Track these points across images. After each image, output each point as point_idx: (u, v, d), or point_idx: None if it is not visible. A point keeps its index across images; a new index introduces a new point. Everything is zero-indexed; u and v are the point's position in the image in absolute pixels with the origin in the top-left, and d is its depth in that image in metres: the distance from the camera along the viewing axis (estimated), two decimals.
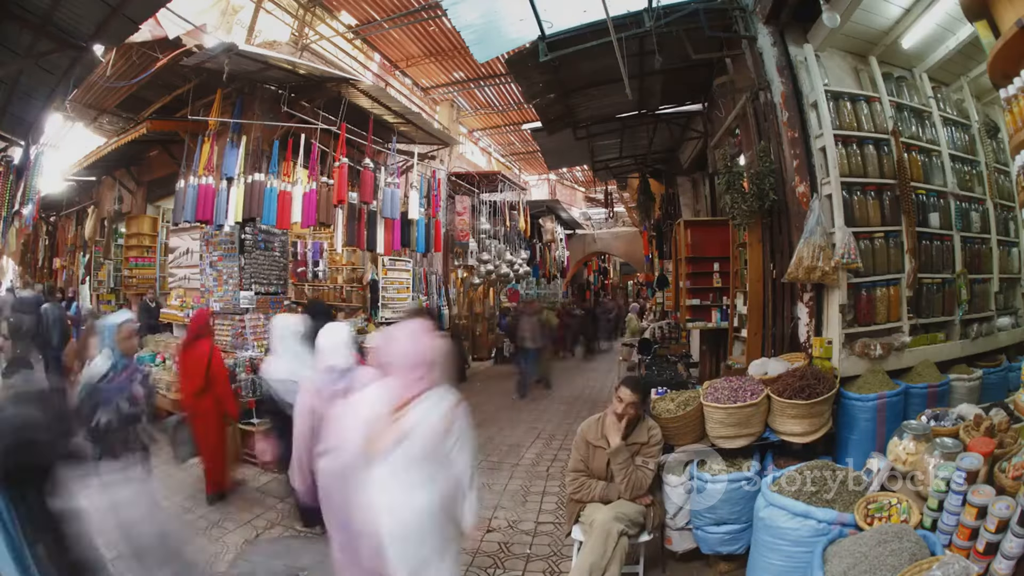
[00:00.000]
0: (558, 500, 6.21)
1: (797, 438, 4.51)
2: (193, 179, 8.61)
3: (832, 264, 4.75)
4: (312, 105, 9.55)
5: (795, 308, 5.54)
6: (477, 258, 15.26)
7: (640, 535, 4.24)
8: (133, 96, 9.79)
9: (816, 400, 4.42)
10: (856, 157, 5.05)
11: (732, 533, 4.38)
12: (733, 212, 6.25)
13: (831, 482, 3.78)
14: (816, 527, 3.53)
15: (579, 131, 10.21)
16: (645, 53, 6.79)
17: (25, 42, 6.83)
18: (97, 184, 14.74)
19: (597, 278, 28.03)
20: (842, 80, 5.27)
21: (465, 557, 4.97)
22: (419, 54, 14.40)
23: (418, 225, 11.17)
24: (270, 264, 9.87)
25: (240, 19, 11.91)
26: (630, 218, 19.35)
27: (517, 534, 5.48)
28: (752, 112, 5.93)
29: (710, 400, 4.73)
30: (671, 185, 11.86)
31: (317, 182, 9.05)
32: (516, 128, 19.40)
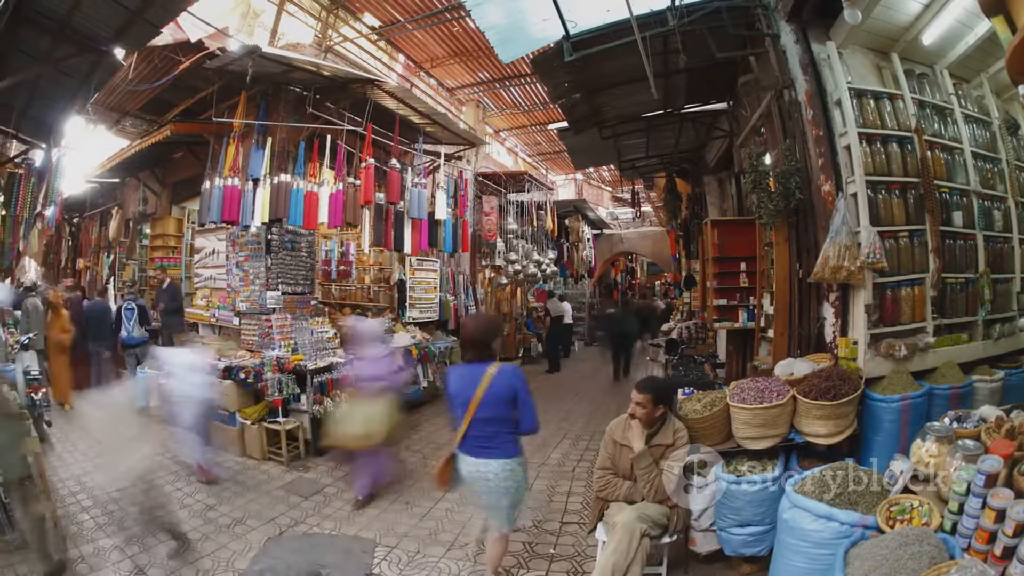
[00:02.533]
0: (583, 500, 6.22)
1: (822, 439, 4.46)
2: (219, 180, 8.70)
3: (858, 264, 4.70)
4: (337, 106, 9.60)
5: (821, 308, 5.50)
6: (505, 258, 15.27)
7: (663, 536, 4.24)
8: (156, 99, 9.95)
9: (841, 401, 4.38)
10: (880, 155, 4.98)
11: (756, 535, 4.36)
12: (759, 211, 6.21)
13: (854, 484, 3.74)
14: (839, 529, 3.50)
15: (605, 130, 10.17)
16: (669, 52, 6.75)
17: (43, 46, 6.95)
18: (121, 186, 15.01)
19: (624, 278, 27.92)
20: (865, 77, 5.21)
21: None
22: (443, 55, 14.42)
23: (445, 225, 11.19)
24: (297, 264, 9.96)
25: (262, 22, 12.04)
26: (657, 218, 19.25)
27: (542, 534, 5.50)
28: (777, 110, 5.90)
29: (736, 401, 4.70)
30: (697, 184, 11.78)
31: (344, 183, 9.10)
32: (542, 128, 19.36)
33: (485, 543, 4.77)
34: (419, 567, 4.91)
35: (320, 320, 9.81)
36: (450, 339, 12.71)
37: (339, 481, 6.95)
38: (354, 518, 5.93)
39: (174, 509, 5.73)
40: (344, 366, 8.13)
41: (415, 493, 6.59)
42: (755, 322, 7.82)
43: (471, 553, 5.14)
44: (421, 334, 11.73)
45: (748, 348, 8.26)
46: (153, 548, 5.14)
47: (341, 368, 8.39)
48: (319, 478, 7.10)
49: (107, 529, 5.50)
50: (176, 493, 6.43)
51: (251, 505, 6.24)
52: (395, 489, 6.67)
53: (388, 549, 5.23)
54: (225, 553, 5.12)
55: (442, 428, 9.25)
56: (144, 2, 6.21)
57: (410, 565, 4.94)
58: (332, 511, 6.12)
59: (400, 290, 12.79)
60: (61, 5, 6.24)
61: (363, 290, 14.31)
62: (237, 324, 9.56)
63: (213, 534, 5.50)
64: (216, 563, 4.95)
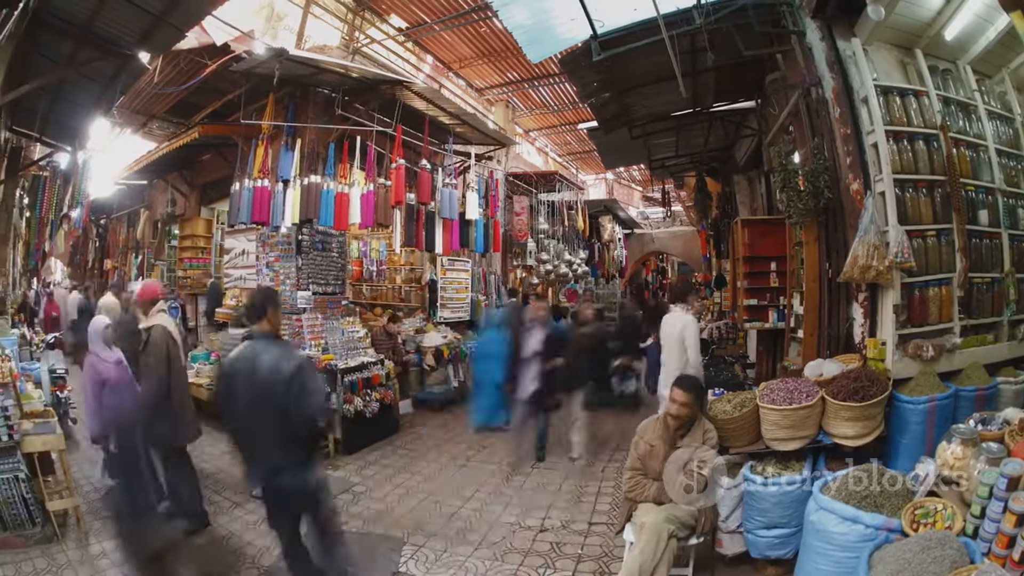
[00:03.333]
0: (612, 501, 6.21)
1: (850, 441, 4.43)
2: (248, 182, 8.82)
3: (886, 263, 4.64)
4: (367, 108, 9.68)
5: (850, 308, 5.45)
6: (536, 258, 15.24)
7: (690, 538, 4.24)
8: (183, 102, 10.09)
9: (869, 402, 4.34)
10: (907, 153, 4.91)
11: (782, 537, 4.34)
12: (789, 211, 6.15)
13: (880, 486, 3.73)
14: (864, 532, 3.49)
15: (635, 130, 10.14)
16: (697, 50, 6.72)
17: (65, 51, 7.05)
18: (149, 187, 15.31)
19: (655, 278, 27.76)
20: (890, 74, 5.14)
21: (516, 556, 5.06)
22: (471, 55, 14.46)
23: (476, 225, 11.25)
24: (328, 264, 10.08)
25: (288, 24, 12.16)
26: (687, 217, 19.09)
27: (570, 534, 5.50)
28: (805, 108, 5.84)
29: (766, 402, 4.69)
30: (727, 183, 11.68)
31: (374, 183, 9.19)
32: (572, 128, 19.32)
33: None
34: (446, 566, 4.93)
35: (351, 320, 9.91)
36: None
37: (368, 480, 7.00)
38: (383, 517, 5.97)
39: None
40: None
41: (446, 491, 6.63)
42: (785, 322, 7.74)
43: (499, 552, 5.15)
44: (452, 334, 11.80)
45: (778, 348, 8.18)
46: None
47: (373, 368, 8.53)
48: (348, 476, 7.16)
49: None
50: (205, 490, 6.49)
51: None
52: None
53: (416, 547, 5.26)
54: (250, 551, 5.19)
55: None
56: (167, 6, 6.29)
57: (437, 564, 4.97)
58: (361, 510, 6.16)
59: (431, 290, 12.87)
60: (82, 10, 6.32)
61: (394, 290, 14.42)
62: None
63: (239, 532, 5.57)
64: (241, 560, 5.02)
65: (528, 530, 5.59)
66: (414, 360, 10.72)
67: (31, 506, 5.03)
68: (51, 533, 5.11)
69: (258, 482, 3.91)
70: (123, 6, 6.24)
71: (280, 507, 3.96)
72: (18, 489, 4.97)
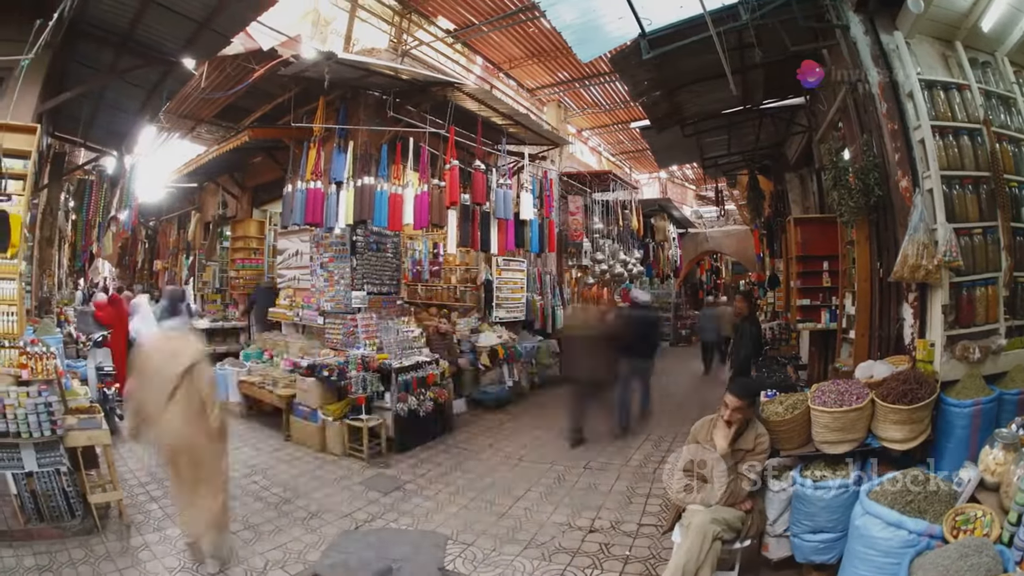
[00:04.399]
0: (662, 502, 6.16)
1: (898, 444, 4.33)
2: (301, 184, 9.01)
3: (935, 262, 4.52)
4: (418, 109, 9.78)
5: (901, 309, 5.31)
6: (591, 258, 15.21)
7: (736, 541, 4.24)
8: (231, 106, 10.41)
9: (917, 405, 4.24)
10: (953, 149, 4.75)
11: (827, 542, 4.27)
12: (840, 209, 6.02)
13: (924, 491, 3.66)
14: (906, 538, 3.45)
15: (687, 128, 10.07)
16: (744, 47, 6.63)
17: (106, 59, 7.27)
18: (199, 190, 15.76)
19: (710, 277, 27.45)
20: (933, 67, 4.99)
21: (564, 556, 5.08)
22: (521, 55, 14.50)
23: (531, 225, 11.27)
24: (382, 265, 10.26)
25: (335, 28, 12.34)
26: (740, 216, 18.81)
27: (618, 535, 5.50)
28: (852, 104, 5.74)
29: (817, 403, 4.61)
30: (779, 181, 11.47)
31: (428, 184, 9.27)
32: (624, 127, 19.24)
33: None
34: (493, 565, 4.96)
35: (406, 320, 10.04)
36: (536, 339, 12.84)
37: (420, 478, 7.08)
38: (432, 515, 6.01)
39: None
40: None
41: (497, 491, 6.66)
42: (837, 323, 7.58)
43: (547, 553, 5.17)
44: (507, 334, 11.87)
45: (830, 349, 8.01)
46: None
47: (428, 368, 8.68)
48: (399, 475, 7.24)
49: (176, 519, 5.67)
50: (252, 486, 6.70)
51: (327, 500, 6.41)
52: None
53: (464, 546, 5.30)
54: (297, 545, 5.28)
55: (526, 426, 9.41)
56: (210, 13, 6.45)
57: (484, 562, 5.01)
58: (411, 507, 6.22)
59: (487, 290, 12.97)
60: (121, 19, 6.52)
61: (449, 290, 14.54)
62: (321, 323, 9.88)
63: (287, 527, 5.68)
64: (287, 554, 5.12)
65: (578, 530, 5.60)
66: (469, 360, 10.79)
67: (72, 499, 5.21)
68: (91, 525, 5.28)
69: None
70: (164, 14, 6.43)
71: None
72: (59, 482, 5.16)
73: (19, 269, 5.63)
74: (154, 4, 6.23)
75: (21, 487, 5.10)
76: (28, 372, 5.33)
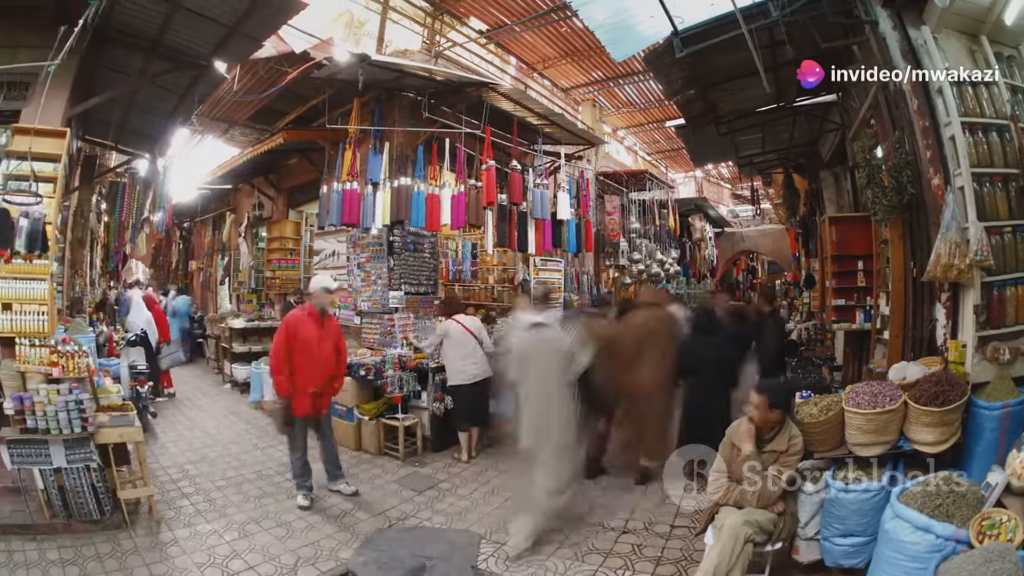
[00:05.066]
0: (696, 504, 6.12)
1: (929, 447, 4.29)
2: (337, 185, 9.05)
3: (967, 262, 4.45)
4: (454, 110, 9.79)
5: (933, 309, 5.24)
6: (628, 258, 15.13)
7: (767, 543, 4.22)
8: (265, 108, 10.48)
9: (948, 408, 4.20)
10: (982, 146, 4.67)
11: (857, 546, 4.24)
12: (874, 208, 5.96)
13: (953, 495, 3.65)
14: (933, 542, 3.43)
15: (721, 127, 9.97)
16: (776, 44, 6.61)
17: (135, 63, 7.36)
18: (234, 191, 15.95)
19: (746, 277, 27.15)
20: (960, 63, 4.89)
21: (597, 557, 5.08)
22: (555, 55, 14.44)
23: (569, 225, 11.22)
24: (420, 265, 10.32)
25: (368, 30, 12.42)
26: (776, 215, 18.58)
27: (651, 536, 5.48)
28: (884, 101, 5.68)
29: (851, 405, 4.59)
30: (814, 180, 11.31)
31: (465, 185, 9.30)
32: (659, 126, 19.06)
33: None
34: (526, 564, 4.97)
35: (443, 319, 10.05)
36: None
37: (454, 477, 7.12)
38: (467, 514, 6.04)
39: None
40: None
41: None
42: (871, 323, 7.48)
43: (580, 553, 5.17)
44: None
45: (865, 350, 7.89)
46: (253, 535, 5.46)
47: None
48: (434, 474, 7.28)
49: (207, 516, 5.86)
50: (286, 483, 6.75)
51: (361, 497, 6.45)
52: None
53: (497, 545, 5.31)
54: (329, 543, 5.34)
55: None
56: (240, 18, 6.51)
57: (517, 561, 5.01)
58: (445, 506, 6.25)
59: (524, 290, 12.93)
60: (149, 25, 6.61)
61: (487, 290, 14.54)
62: (358, 323, 9.96)
63: (320, 524, 5.75)
64: (318, 551, 5.17)
65: (611, 531, 5.59)
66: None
67: (101, 494, 5.33)
68: (120, 520, 5.42)
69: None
70: (193, 19, 6.51)
71: None
72: (88, 478, 5.28)
73: (50, 270, 5.80)
74: (183, 10, 6.32)
75: (48, 482, 5.23)
76: (59, 370, 5.47)
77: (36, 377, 5.41)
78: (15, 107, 6.16)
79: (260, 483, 6.87)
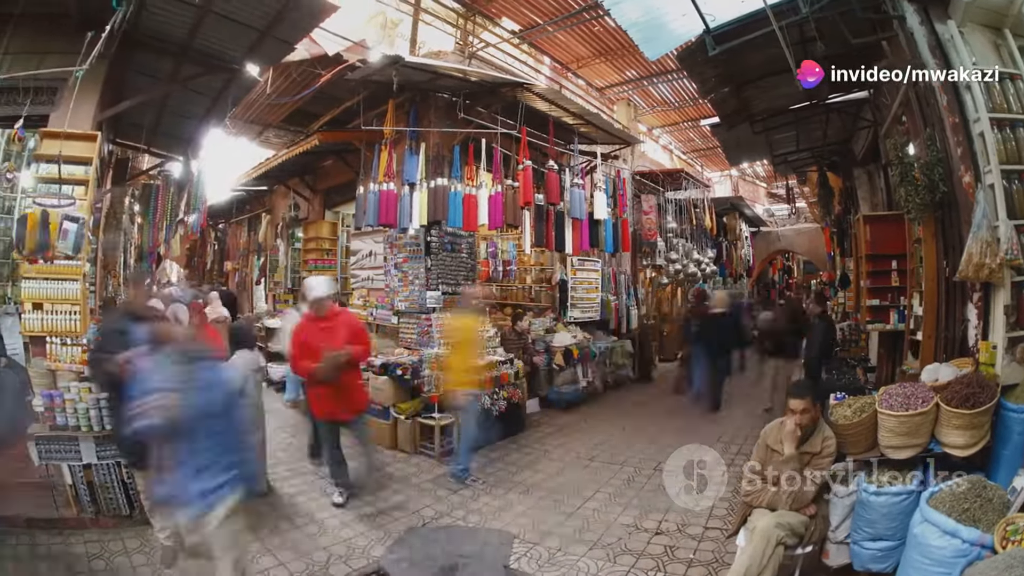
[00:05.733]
0: (729, 506, 6.04)
1: (958, 451, 4.18)
2: (373, 185, 9.09)
3: (998, 261, 4.37)
4: (489, 110, 9.78)
5: (965, 309, 5.14)
6: (665, 257, 15.06)
7: (798, 546, 4.19)
8: (299, 110, 10.63)
9: (978, 410, 4.09)
10: (1011, 142, 4.57)
11: (885, 550, 4.16)
12: (907, 206, 5.89)
13: (980, 499, 3.59)
14: (959, 547, 3.37)
15: (756, 125, 9.91)
16: (807, 40, 6.49)
17: (165, 67, 7.43)
18: (269, 192, 16.12)
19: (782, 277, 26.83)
20: (986, 57, 4.81)
21: (629, 558, 5.06)
22: (588, 55, 14.41)
23: (606, 225, 11.21)
24: (457, 265, 10.32)
25: (401, 32, 12.48)
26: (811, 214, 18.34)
27: (684, 538, 5.44)
28: (914, 97, 5.59)
29: (884, 407, 4.50)
30: (848, 178, 11.16)
31: (502, 185, 9.30)
32: (694, 124, 18.93)
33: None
34: (558, 565, 4.94)
35: (481, 319, 10.04)
36: (611, 339, 12.83)
37: (489, 477, 7.10)
38: (500, 514, 6.04)
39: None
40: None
41: (566, 491, 6.62)
42: (905, 324, 7.37)
43: (612, 554, 5.15)
44: (582, 334, 11.85)
45: (899, 351, 7.79)
46: (285, 532, 5.51)
47: (502, 367, 8.75)
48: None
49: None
50: (320, 481, 6.81)
51: (396, 496, 6.47)
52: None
53: (531, 545, 5.28)
54: (362, 541, 5.34)
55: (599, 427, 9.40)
56: (271, 21, 6.58)
57: (550, 562, 4.99)
58: (480, 506, 6.22)
59: (562, 290, 12.93)
60: (178, 30, 6.68)
61: (524, 290, 14.56)
62: (395, 323, 10.05)
63: (352, 522, 5.76)
64: (350, 550, 5.18)
65: (644, 532, 5.57)
66: (544, 360, 10.76)
67: (131, 490, 5.39)
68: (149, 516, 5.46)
69: None
70: (223, 23, 6.57)
71: None
72: (118, 474, 5.36)
73: (83, 270, 5.92)
74: (212, 14, 6.38)
75: (77, 478, 5.34)
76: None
77: (67, 375, 5.54)
78: (42, 112, 6.26)
79: (294, 480, 6.95)
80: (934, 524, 3.54)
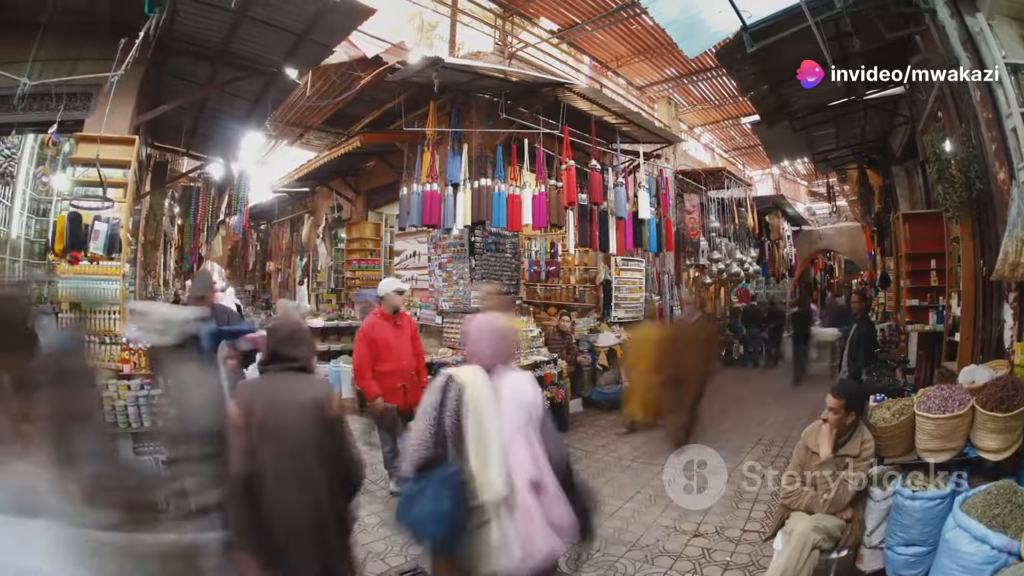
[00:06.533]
0: (767, 508, 6.00)
1: (992, 455, 4.12)
2: (416, 186, 9.17)
3: None
4: (531, 110, 9.80)
5: (1002, 310, 5.07)
6: (708, 257, 14.96)
7: (833, 551, 4.16)
8: (339, 113, 10.75)
9: (1012, 413, 4.02)
10: None
11: (917, 556, 4.11)
12: (945, 204, 5.81)
13: (1010, 505, 3.57)
14: (988, 554, 3.37)
15: (796, 122, 9.84)
16: (842, 36, 6.48)
17: (202, 72, 7.58)
18: (311, 194, 16.34)
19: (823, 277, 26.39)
20: (1015, 51, 4.71)
21: (666, 560, 5.05)
22: (627, 53, 14.34)
23: (649, 225, 11.18)
24: (501, 265, 10.42)
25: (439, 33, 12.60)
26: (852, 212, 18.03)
27: (721, 541, 5.42)
28: (949, 92, 5.50)
29: (922, 409, 4.42)
30: (887, 176, 11.00)
31: (545, 185, 9.30)
32: (735, 122, 18.76)
33: None
34: (595, 565, 4.93)
35: (525, 319, 10.06)
36: None
37: None
38: None
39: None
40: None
41: (607, 491, 6.60)
42: (943, 324, 7.25)
43: (650, 555, 5.16)
44: (626, 334, 11.85)
45: (937, 352, 7.66)
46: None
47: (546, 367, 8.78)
48: None
49: None
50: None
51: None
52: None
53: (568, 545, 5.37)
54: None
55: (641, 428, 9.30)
56: (308, 25, 6.67)
57: (587, 563, 4.91)
58: None
59: (606, 290, 12.98)
60: (213, 35, 6.80)
61: (568, 290, 14.54)
62: (440, 323, 10.14)
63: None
64: (389, 547, 5.17)
65: (683, 534, 5.55)
66: (588, 360, 10.76)
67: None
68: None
69: None
70: (259, 27, 6.69)
71: None
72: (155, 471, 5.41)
73: (123, 270, 6.10)
74: (248, 19, 6.49)
75: None
76: (130, 367, 5.69)
77: (106, 373, 5.64)
78: (77, 117, 6.45)
79: None
80: (966, 529, 3.53)
